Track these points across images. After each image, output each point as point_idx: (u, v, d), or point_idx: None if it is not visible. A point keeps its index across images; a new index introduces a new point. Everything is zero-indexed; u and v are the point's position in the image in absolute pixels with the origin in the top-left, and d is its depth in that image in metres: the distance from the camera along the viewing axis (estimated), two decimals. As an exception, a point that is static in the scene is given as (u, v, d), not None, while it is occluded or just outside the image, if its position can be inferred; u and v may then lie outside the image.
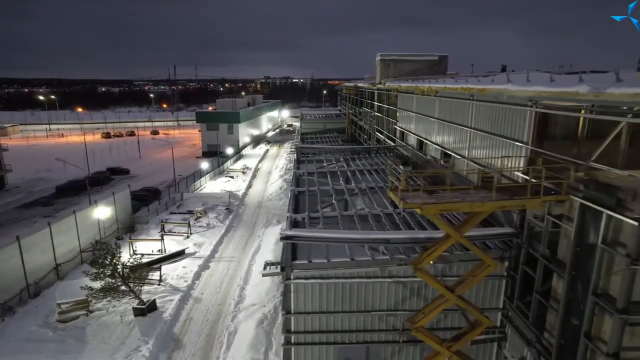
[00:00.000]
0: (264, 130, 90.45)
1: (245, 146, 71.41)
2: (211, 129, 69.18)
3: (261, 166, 61.63)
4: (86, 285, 20.52)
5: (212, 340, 20.46)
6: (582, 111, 11.44)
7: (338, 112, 78.59)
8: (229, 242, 33.55)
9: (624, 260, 9.34)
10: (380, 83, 38.04)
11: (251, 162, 62.68)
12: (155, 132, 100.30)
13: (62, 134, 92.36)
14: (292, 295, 14.43)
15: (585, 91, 10.29)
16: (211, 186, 49.63)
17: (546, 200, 9.94)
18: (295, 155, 37.49)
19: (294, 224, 17.37)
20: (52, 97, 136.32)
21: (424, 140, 24.90)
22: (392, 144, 33.60)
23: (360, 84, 53.46)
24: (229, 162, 59.88)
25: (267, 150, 72.75)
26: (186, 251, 30.66)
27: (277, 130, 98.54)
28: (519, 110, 14.02)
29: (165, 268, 27.75)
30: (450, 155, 20.66)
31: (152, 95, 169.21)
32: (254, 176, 55.24)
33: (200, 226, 36.02)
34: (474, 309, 11.57)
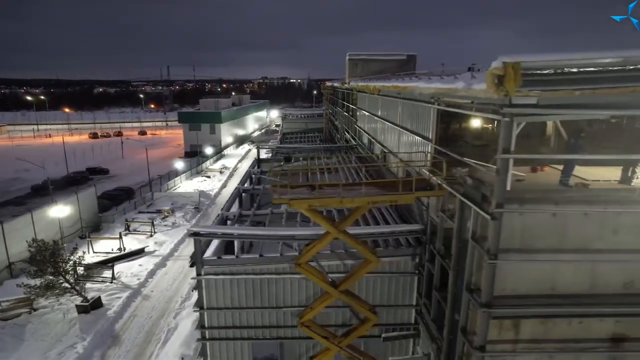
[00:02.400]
0: (250, 130, 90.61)
1: (227, 146, 71.57)
2: (193, 129, 69.33)
3: (240, 166, 61.71)
4: (22, 283, 20.66)
5: (151, 336, 20.61)
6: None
7: (322, 112, 78.75)
8: (191, 240, 33.61)
9: (485, 255, 9.47)
10: (346, 83, 38.20)
11: (231, 162, 62.82)
12: (142, 133, 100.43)
13: (50, 134, 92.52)
14: (203, 291, 14.56)
15: (460, 87, 10.43)
16: (186, 186, 49.77)
17: (420, 196, 10.05)
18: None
19: (223, 222, 17.63)
20: (42, 97, 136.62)
21: (372, 139, 25.04)
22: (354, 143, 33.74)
23: (335, 84, 53.64)
24: (208, 162, 60.00)
25: (249, 150, 72.86)
26: (146, 250, 30.80)
27: (263, 131, 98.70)
28: (427, 108, 14.16)
29: (121, 266, 27.92)
30: (387, 153, 20.81)
31: (142, 96, 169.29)
32: (230, 176, 55.35)
33: (165, 225, 36.16)
34: (359, 305, 11.68)
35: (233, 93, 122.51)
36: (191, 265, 14.30)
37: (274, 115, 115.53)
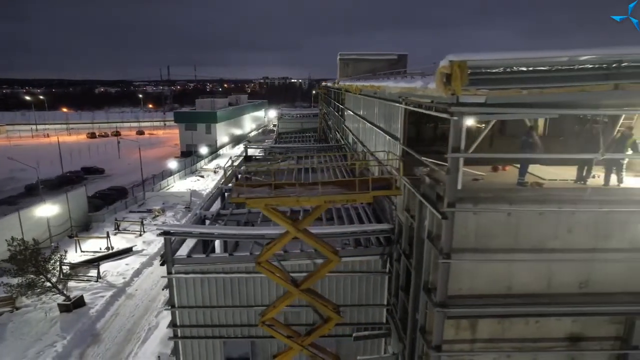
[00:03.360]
0: (247, 130, 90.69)
1: (223, 146, 71.64)
2: (189, 129, 69.45)
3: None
4: (1, 282, 20.75)
5: (131, 335, 20.67)
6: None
7: (317, 112, 78.75)
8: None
9: (438, 254, 9.46)
10: (337, 83, 38.21)
11: (225, 162, 62.83)
12: (140, 133, 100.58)
13: (48, 134, 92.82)
14: (174, 289, 14.59)
15: (418, 86, 10.45)
16: (179, 186, 49.88)
17: (376, 195, 10.05)
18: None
19: (201, 220, 17.72)
20: (41, 97, 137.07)
21: (355, 138, 25.05)
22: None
23: (329, 84, 53.67)
24: (202, 162, 60.07)
25: (245, 150, 72.79)
26: (134, 249, 30.91)
27: (260, 130, 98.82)
28: (396, 107, 14.15)
29: (108, 265, 28.03)
30: (365, 152, 20.81)
31: (140, 96, 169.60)
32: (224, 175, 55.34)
33: (155, 225, 36.18)
34: (322, 305, 11.68)
35: (231, 93, 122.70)
36: (161, 264, 14.33)
37: (272, 115, 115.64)
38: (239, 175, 27.43)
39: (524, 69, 8.48)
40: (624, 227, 9.49)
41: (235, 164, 29.91)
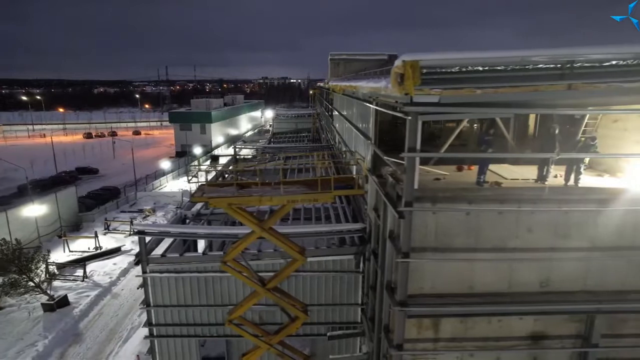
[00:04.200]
0: (243, 130, 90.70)
1: (218, 146, 71.67)
2: (184, 129, 69.53)
3: (229, 166, 61.79)
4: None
5: (113, 334, 20.73)
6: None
7: (312, 112, 78.85)
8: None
9: (397, 254, 9.51)
10: (326, 83, 38.30)
11: (220, 162, 62.86)
12: (137, 133, 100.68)
13: (44, 134, 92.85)
14: (149, 288, 14.66)
15: (382, 86, 10.51)
16: (172, 186, 49.95)
17: (338, 194, 10.10)
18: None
19: (182, 220, 17.82)
20: (38, 97, 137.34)
21: (340, 138, 25.12)
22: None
23: (322, 84, 53.76)
24: (196, 162, 60.06)
25: (239, 151, 72.88)
26: (122, 248, 30.97)
27: (256, 131, 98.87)
28: (369, 108, 14.20)
29: (95, 265, 28.11)
30: (346, 152, 20.87)
31: (137, 96, 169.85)
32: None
33: (146, 224, 36.29)
34: (287, 304, 11.74)
35: (228, 93, 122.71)
36: (136, 264, 14.40)
37: (269, 115, 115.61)
38: (226, 175, 27.63)
39: (480, 68, 8.53)
40: (583, 227, 9.54)
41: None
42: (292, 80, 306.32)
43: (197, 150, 61.64)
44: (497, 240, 9.57)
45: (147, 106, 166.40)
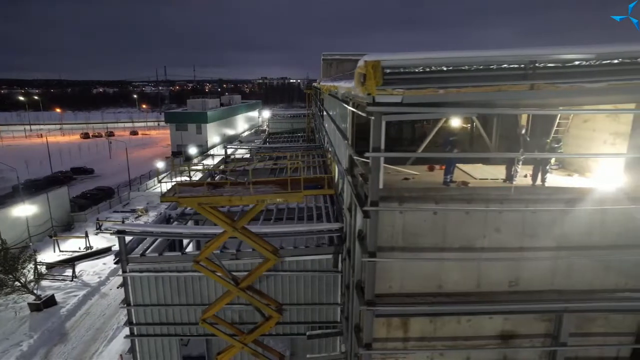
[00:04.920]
0: (240, 130, 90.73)
1: (214, 146, 71.72)
2: (180, 129, 69.63)
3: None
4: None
5: (99, 334, 20.79)
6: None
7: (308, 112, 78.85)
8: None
9: (364, 253, 9.55)
10: (318, 83, 38.36)
11: (215, 162, 63.00)
12: (134, 133, 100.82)
13: (41, 134, 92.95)
14: (129, 288, 14.71)
15: (352, 86, 10.54)
16: (166, 185, 49.94)
17: (307, 194, 10.16)
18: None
19: (166, 220, 17.90)
20: (36, 97, 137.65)
21: (328, 138, 25.15)
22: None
23: (315, 85, 53.79)
24: (192, 162, 60.16)
25: (234, 151, 72.97)
26: (112, 248, 31.00)
27: (253, 131, 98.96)
28: (346, 108, 14.23)
29: (85, 265, 28.20)
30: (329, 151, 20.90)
31: (135, 96, 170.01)
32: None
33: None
34: (260, 303, 11.79)
35: (225, 93, 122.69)
36: (115, 263, 14.46)
37: (266, 115, 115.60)
38: (216, 176, 27.72)
39: (444, 68, 8.56)
40: (550, 226, 9.59)
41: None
42: (291, 81, 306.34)
43: (193, 150, 61.69)
44: (464, 240, 9.61)
45: (144, 106, 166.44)
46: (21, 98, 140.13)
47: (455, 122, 12.32)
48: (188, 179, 55.78)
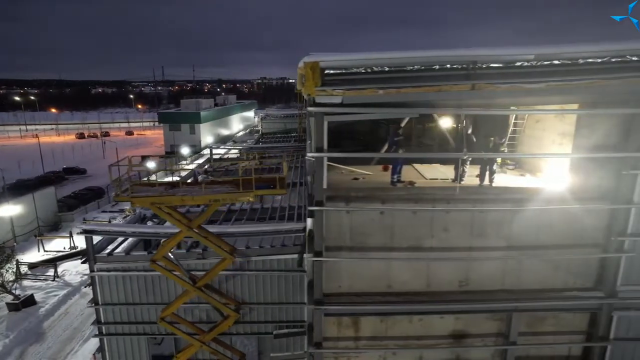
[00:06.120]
0: (235, 130, 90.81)
1: (207, 146, 71.79)
2: (173, 130, 69.73)
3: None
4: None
5: (76, 333, 20.81)
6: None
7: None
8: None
9: (309, 253, 9.63)
10: (306, 83, 38.42)
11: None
12: (130, 133, 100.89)
13: (36, 134, 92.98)
14: (97, 287, 14.76)
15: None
16: (156, 185, 50.04)
17: (259, 194, 10.22)
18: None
19: (141, 219, 18.03)
20: (32, 97, 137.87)
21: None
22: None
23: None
24: (184, 162, 60.22)
25: (228, 151, 73.06)
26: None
27: (247, 131, 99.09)
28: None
29: (69, 264, 28.23)
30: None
31: (131, 96, 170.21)
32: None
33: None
34: (218, 302, 11.85)
35: (223, 93, 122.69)
36: (82, 262, 14.51)
37: (262, 115, 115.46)
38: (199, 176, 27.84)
39: (386, 69, 8.62)
40: (499, 226, 9.66)
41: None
42: (290, 80, 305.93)
43: (185, 150, 61.77)
44: (413, 239, 9.68)
45: (139, 106, 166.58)
46: (17, 98, 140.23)
47: (447, 123, 12.22)
48: (179, 179, 55.56)
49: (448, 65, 8.57)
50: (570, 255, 9.66)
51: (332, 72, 8.35)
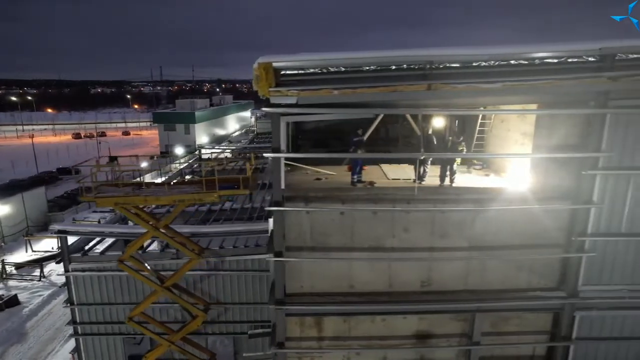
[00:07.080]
0: (230, 130, 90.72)
1: (202, 146, 71.76)
2: (168, 130, 69.71)
3: (211, 166, 62.05)
4: None
5: (58, 333, 20.84)
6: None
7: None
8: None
9: (269, 253, 9.63)
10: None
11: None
12: (126, 133, 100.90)
13: (33, 134, 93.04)
14: (72, 287, 14.81)
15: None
16: (149, 185, 50.13)
17: (222, 194, 10.23)
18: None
19: (122, 219, 18.07)
20: (29, 97, 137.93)
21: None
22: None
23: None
24: (177, 162, 60.25)
25: (222, 151, 73.03)
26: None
27: (243, 131, 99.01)
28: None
29: (55, 265, 28.17)
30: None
31: (129, 96, 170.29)
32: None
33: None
34: (186, 302, 11.86)
35: (220, 93, 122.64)
36: (57, 263, 14.53)
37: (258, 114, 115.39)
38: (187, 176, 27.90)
39: (342, 69, 8.61)
40: (461, 226, 9.63)
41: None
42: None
43: (179, 150, 61.79)
44: (373, 239, 9.66)
45: (136, 107, 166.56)
46: (13, 98, 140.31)
47: (439, 123, 12.16)
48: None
49: (404, 66, 8.56)
50: (532, 255, 9.64)
51: (288, 72, 8.34)
